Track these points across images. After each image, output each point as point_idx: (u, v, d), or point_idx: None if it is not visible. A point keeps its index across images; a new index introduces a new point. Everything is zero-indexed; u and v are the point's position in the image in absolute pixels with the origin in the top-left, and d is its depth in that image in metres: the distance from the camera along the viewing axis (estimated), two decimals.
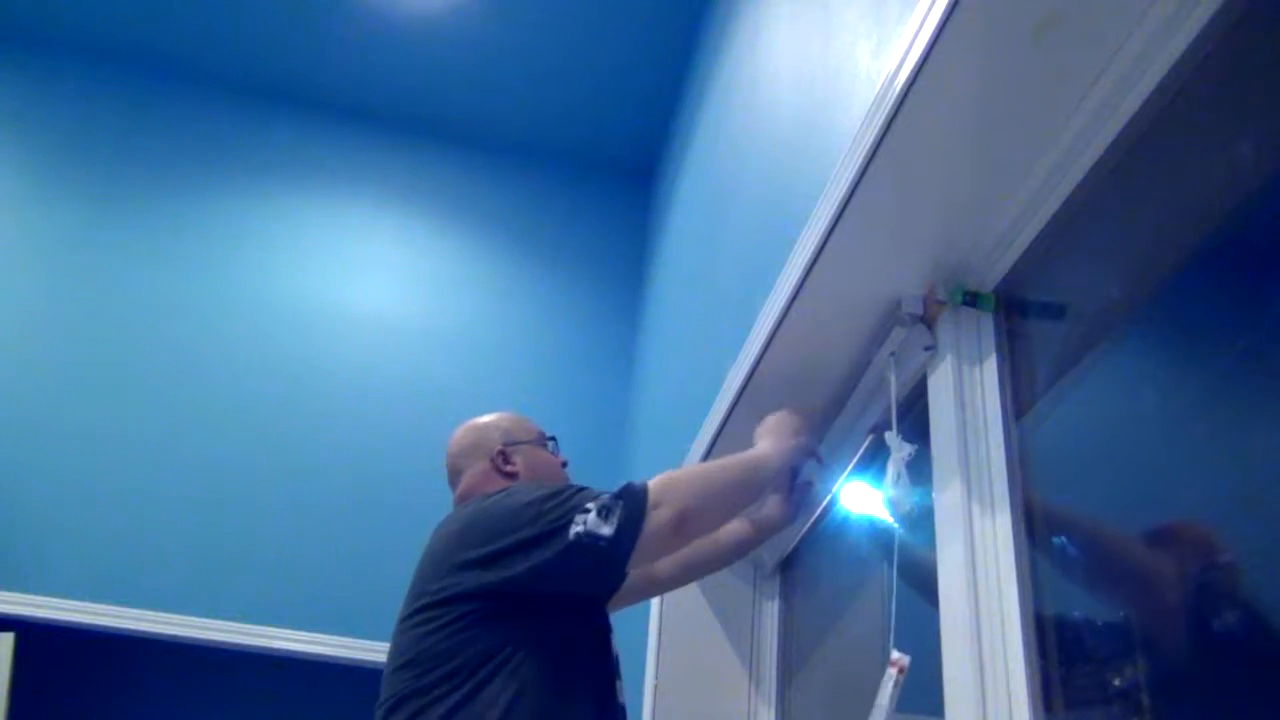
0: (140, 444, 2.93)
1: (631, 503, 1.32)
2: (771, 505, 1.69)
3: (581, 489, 1.38)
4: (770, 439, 1.53)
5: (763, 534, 1.72)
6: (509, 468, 1.61)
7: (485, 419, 1.70)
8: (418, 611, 1.38)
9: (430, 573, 1.41)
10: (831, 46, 1.57)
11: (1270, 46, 0.93)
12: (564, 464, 1.71)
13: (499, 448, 1.63)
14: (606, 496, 1.34)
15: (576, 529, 1.30)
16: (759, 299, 1.66)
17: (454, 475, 1.65)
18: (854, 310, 1.49)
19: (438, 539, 1.48)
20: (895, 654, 1.19)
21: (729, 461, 1.50)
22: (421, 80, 3.47)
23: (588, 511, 1.31)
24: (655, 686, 2.00)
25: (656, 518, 1.31)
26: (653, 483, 1.36)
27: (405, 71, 3.45)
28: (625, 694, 1.46)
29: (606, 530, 1.29)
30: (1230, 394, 0.95)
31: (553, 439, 1.72)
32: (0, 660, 2.61)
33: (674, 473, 1.41)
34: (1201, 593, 0.94)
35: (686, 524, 1.34)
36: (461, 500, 1.62)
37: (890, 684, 1.16)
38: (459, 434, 1.69)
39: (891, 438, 1.35)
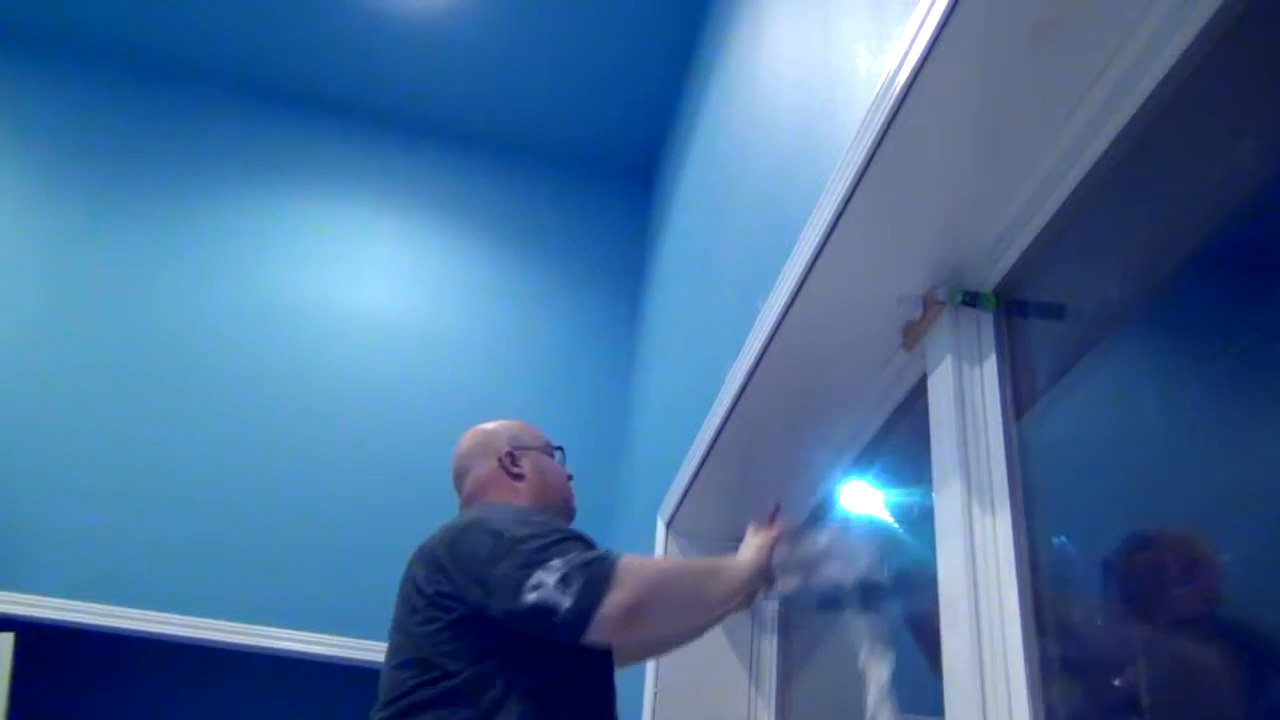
0: (140, 444, 2.93)
1: (595, 576, 1.28)
2: None
3: (562, 539, 1.34)
4: (748, 553, 1.49)
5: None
6: (516, 469, 1.62)
7: (492, 424, 1.70)
8: (415, 610, 1.38)
9: (425, 573, 1.40)
10: (831, 46, 1.57)
11: (1270, 46, 0.93)
12: (569, 477, 1.70)
13: (507, 449, 1.63)
14: (575, 560, 1.29)
15: (531, 596, 1.26)
16: (759, 299, 1.66)
17: (460, 476, 1.65)
18: (854, 310, 1.49)
19: (436, 540, 1.46)
20: None
21: (696, 565, 1.57)
22: (422, 80, 3.47)
23: (552, 572, 1.27)
24: (655, 687, 2.00)
25: (612, 600, 1.26)
26: (621, 560, 1.31)
27: (405, 71, 3.45)
28: (625, 695, 1.46)
29: (565, 603, 1.26)
30: (1230, 394, 0.95)
31: (560, 449, 1.72)
32: (0, 660, 2.61)
33: (644, 559, 1.37)
34: (1188, 595, 0.94)
35: (637, 614, 1.28)
36: (468, 501, 1.61)
37: None
38: (466, 437, 1.69)
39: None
